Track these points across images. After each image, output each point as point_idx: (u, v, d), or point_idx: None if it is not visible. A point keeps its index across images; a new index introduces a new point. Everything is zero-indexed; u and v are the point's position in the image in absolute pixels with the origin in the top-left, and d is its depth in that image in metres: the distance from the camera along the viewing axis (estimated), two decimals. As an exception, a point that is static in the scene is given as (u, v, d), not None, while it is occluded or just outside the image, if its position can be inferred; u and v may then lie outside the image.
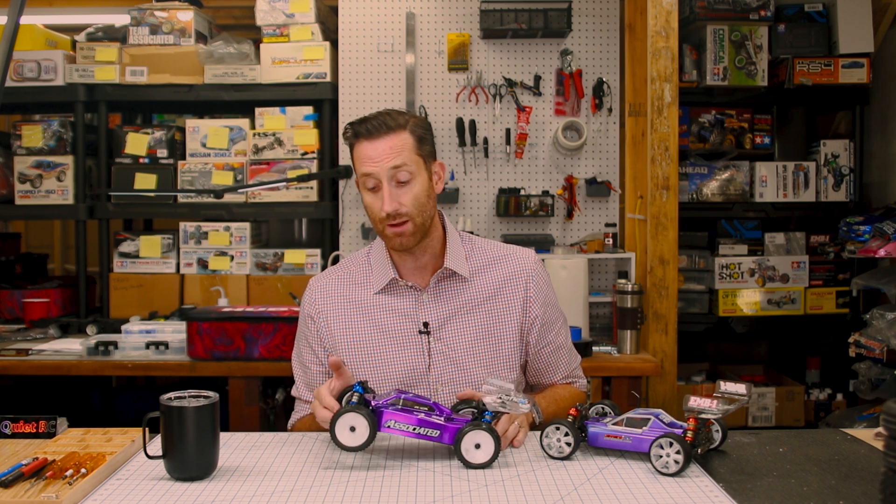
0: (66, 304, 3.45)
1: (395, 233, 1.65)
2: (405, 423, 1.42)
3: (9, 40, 1.61)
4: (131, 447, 1.49)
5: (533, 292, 1.76)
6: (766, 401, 3.51)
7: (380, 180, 1.64)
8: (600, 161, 3.36)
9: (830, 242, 3.56)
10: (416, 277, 1.74)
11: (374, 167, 1.63)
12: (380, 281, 1.74)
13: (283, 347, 2.71)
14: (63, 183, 3.33)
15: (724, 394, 1.47)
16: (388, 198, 1.63)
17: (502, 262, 1.78)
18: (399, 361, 1.71)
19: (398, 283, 1.73)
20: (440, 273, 1.72)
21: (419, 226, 1.66)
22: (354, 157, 1.68)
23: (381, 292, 1.74)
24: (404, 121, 1.67)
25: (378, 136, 1.64)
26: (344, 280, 1.78)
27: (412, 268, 1.74)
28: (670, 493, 1.27)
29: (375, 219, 1.67)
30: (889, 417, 1.09)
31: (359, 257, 1.81)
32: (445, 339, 1.71)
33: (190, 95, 3.33)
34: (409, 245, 1.67)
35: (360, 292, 1.75)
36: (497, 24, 3.22)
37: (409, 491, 1.29)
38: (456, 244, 1.76)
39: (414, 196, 1.65)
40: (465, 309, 1.73)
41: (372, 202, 1.66)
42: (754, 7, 3.35)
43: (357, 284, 1.77)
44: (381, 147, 1.63)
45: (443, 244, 1.75)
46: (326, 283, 1.79)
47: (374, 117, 1.66)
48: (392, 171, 1.63)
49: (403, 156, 1.64)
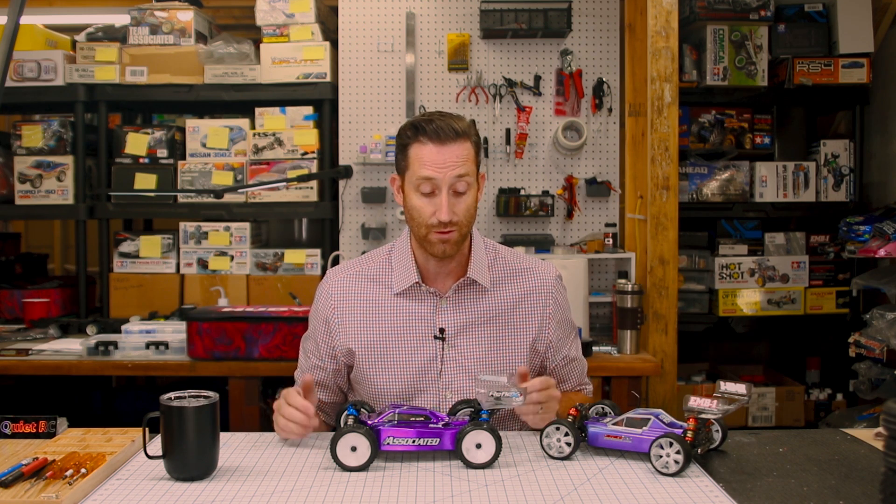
0: (66, 304, 3.45)
1: (440, 239, 1.63)
2: (404, 437, 1.42)
3: (9, 40, 1.61)
4: (131, 447, 1.49)
5: (552, 310, 1.75)
6: (766, 401, 3.51)
7: (439, 187, 1.61)
8: (600, 161, 3.36)
9: (830, 242, 3.56)
10: (438, 283, 1.72)
11: (437, 173, 1.60)
12: (401, 283, 1.71)
13: (283, 347, 2.71)
14: (63, 183, 3.33)
15: (724, 394, 1.47)
16: (447, 207, 1.61)
17: (524, 275, 1.77)
18: (411, 365, 1.70)
19: (419, 288, 1.71)
20: (462, 281, 1.71)
21: (464, 235, 1.66)
22: (411, 157, 1.64)
23: (401, 295, 1.72)
24: (468, 128, 1.65)
25: (446, 141, 1.61)
26: (362, 277, 1.76)
27: (436, 273, 1.72)
28: (670, 493, 1.27)
29: (423, 223, 1.64)
30: (889, 417, 1.09)
31: (379, 255, 1.79)
32: (459, 347, 1.70)
33: (190, 95, 3.33)
34: (451, 253, 1.66)
35: (379, 291, 1.74)
36: (497, 24, 3.22)
37: (409, 491, 1.29)
38: (480, 252, 1.74)
39: (467, 206, 1.64)
40: (483, 319, 1.72)
41: (423, 206, 1.63)
42: (754, 7, 3.35)
43: (376, 283, 1.75)
44: (448, 154, 1.61)
45: (468, 252, 1.74)
46: (343, 279, 1.77)
47: (440, 119, 1.62)
48: (454, 181, 1.61)
49: (467, 166, 1.62)
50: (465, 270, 1.71)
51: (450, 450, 1.43)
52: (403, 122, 1.72)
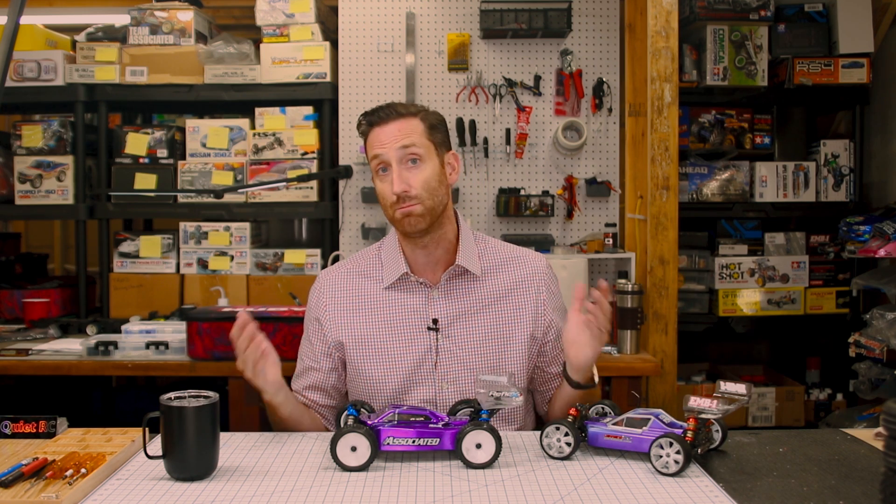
0: (66, 304, 3.45)
1: (403, 213, 1.64)
2: (404, 437, 1.42)
3: (9, 40, 1.61)
4: (131, 447, 1.49)
5: (545, 296, 1.76)
6: (766, 401, 3.51)
7: (389, 162, 1.64)
8: (600, 161, 3.36)
9: (830, 242, 3.56)
10: (428, 273, 1.73)
11: (382, 149, 1.64)
12: (390, 275, 1.72)
13: (283, 347, 2.71)
14: (63, 183, 3.33)
15: (724, 394, 1.47)
16: (397, 178, 1.62)
17: (514, 263, 1.78)
18: (406, 357, 1.70)
19: (409, 279, 1.72)
20: (452, 270, 1.71)
21: (429, 209, 1.65)
22: (367, 147, 1.68)
23: (391, 287, 1.73)
24: (416, 110, 1.69)
25: (388, 121, 1.65)
26: (353, 273, 1.77)
27: (424, 263, 1.72)
28: (670, 493, 1.27)
29: (386, 204, 1.66)
30: (889, 417, 1.09)
31: (369, 252, 1.81)
32: (454, 337, 1.71)
33: (190, 95, 3.32)
34: (419, 227, 1.65)
35: (369, 286, 1.75)
36: (497, 24, 3.22)
37: (409, 491, 1.29)
38: (469, 242, 1.75)
39: (424, 179, 1.64)
40: (476, 308, 1.72)
41: (383, 187, 1.66)
42: (754, 7, 3.35)
43: (366, 278, 1.76)
44: (390, 129, 1.64)
45: (456, 240, 1.74)
46: (334, 278, 1.78)
47: (386, 105, 1.68)
48: (401, 152, 1.63)
49: (412, 137, 1.64)
50: (453, 259, 1.72)
51: (450, 450, 1.43)
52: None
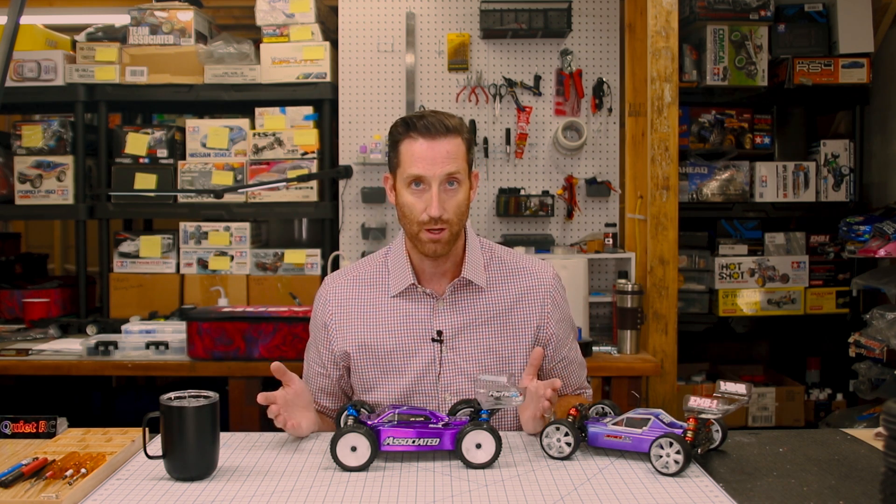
0: (66, 304, 3.45)
1: (431, 238, 1.61)
2: (404, 437, 1.42)
3: (9, 40, 1.61)
4: (131, 447, 1.49)
5: (550, 309, 1.74)
6: (766, 401, 3.51)
7: (430, 183, 1.60)
8: (600, 161, 3.36)
9: (830, 242, 3.56)
10: (435, 284, 1.71)
11: (428, 171, 1.59)
12: (397, 285, 1.70)
13: (283, 347, 2.71)
14: (63, 183, 3.33)
15: (724, 394, 1.47)
16: (437, 203, 1.59)
17: (521, 275, 1.75)
18: (409, 367, 1.69)
19: (416, 290, 1.70)
20: (457, 282, 1.69)
21: (455, 234, 1.64)
22: (402, 154, 1.62)
23: (398, 297, 1.71)
24: (459, 124, 1.64)
25: (436, 136, 1.59)
26: (359, 281, 1.75)
27: (431, 274, 1.71)
28: (670, 493, 1.27)
29: (413, 220, 1.62)
30: (889, 417, 1.09)
31: (375, 259, 1.78)
32: (457, 349, 1.69)
33: (190, 95, 3.33)
34: (442, 252, 1.64)
35: (376, 295, 1.73)
36: (497, 24, 3.22)
37: (409, 491, 1.29)
38: (475, 252, 1.73)
39: (458, 203, 1.62)
40: (481, 320, 1.70)
41: (414, 203, 1.62)
42: (754, 7, 3.35)
43: (373, 286, 1.74)
44: (438, 150, 1.59)
45: (463, 251, 1.72)
46: (340, 285, 1.76)
47: (431, 115, 1.61)
48: (445, 176, 1.59)
49: (458, 163, 1.61)
50: (460, 270, 1.70)
51: (450, 450, 1.43)
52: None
